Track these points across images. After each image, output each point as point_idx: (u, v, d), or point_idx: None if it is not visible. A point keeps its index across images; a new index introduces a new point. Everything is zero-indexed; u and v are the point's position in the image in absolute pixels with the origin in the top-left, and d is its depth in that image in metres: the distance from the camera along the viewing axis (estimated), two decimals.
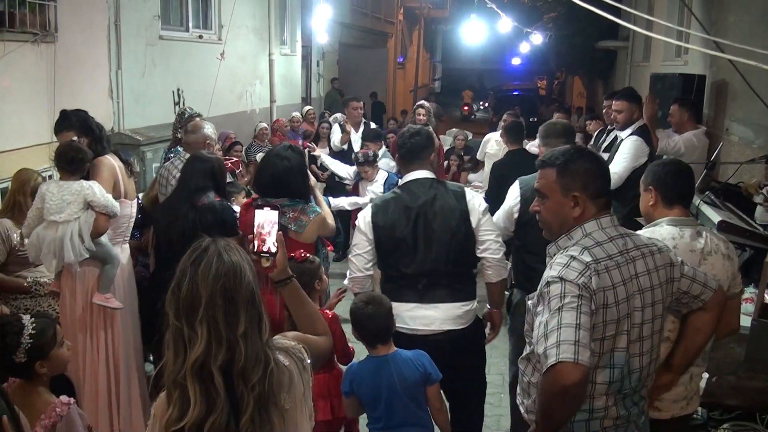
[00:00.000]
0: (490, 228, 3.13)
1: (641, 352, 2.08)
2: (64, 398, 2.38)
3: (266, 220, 2.05)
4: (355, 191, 5.96)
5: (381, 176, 5.79)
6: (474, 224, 3.07)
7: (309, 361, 1.73)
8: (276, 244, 2.05)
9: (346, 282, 3.16)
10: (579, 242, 2.06)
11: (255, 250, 2.04)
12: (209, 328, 1.55)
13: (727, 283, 2.51)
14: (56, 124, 3.63)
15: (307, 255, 3.12)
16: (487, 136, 7.20)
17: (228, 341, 1.56)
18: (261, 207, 2.10)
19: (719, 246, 2.54)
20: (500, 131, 6.59)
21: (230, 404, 1.55)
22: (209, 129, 4.27)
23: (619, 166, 4.45)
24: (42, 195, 3.37)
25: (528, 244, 3.43)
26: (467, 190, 3.22)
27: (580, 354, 1.84)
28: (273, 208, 2.09)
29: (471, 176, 8.73)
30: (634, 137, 4.69)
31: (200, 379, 1.54)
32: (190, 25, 8.19)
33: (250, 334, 1.58)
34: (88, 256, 3.39)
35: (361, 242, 3.12)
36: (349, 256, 3.15)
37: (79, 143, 3.48)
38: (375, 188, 5.69)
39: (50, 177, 3.64)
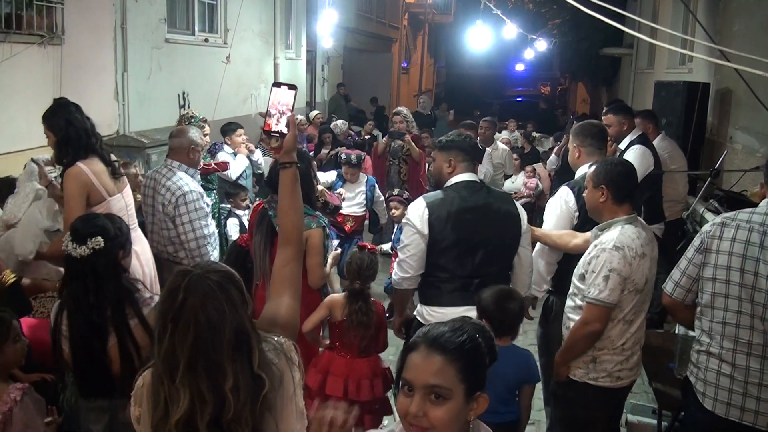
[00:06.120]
0: (528, 239, 3.22)
1: None
2: (18, 384, 2.42)
3: (282, 99, 1.92)
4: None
5: (362, 178, 5.86)
6: (522, 230, 3.14)
7: (298, 360, 1.64)
8: (288, 126, 1.91)
9: (395, 278, 3.13)
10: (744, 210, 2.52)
11: (265, 129, 1.92)
12: (191, 389, 1.44)
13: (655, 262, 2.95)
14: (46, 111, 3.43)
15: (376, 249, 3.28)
16: None
17: (214, 399, 1.44)
18: (279, 86, 1.95)
19: (651, 233, 2.97)
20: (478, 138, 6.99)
21: None
22: (194, 134, 4.08)
23: None
24: None
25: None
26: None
27: (676, 292, 2.60)
28: (291, 87, 1.94)
29: None
30: (637, 146, 4.65)
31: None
32: (196, 28, 8.22)
33: (240, 381, 1.45)
34: (60, 221, 3.36)
35: (416, 241, 3.03)
36: (401, 255, 3.09)
37: None
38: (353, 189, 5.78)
39: (56, 178, 3.60)
